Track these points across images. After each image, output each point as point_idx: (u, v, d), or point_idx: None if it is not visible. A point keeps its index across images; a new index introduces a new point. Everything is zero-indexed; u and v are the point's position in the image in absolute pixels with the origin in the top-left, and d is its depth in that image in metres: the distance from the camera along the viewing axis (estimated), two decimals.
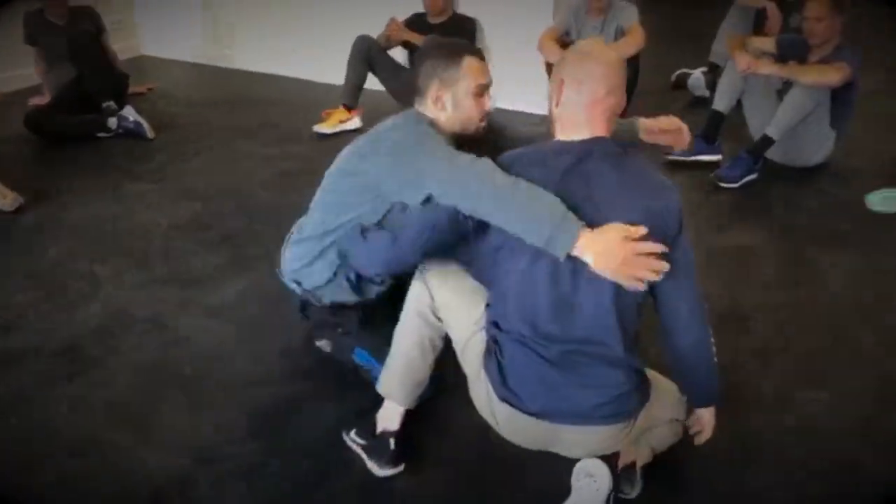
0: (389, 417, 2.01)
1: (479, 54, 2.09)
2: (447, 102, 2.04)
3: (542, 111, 4.55)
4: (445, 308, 1.91)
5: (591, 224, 1.59)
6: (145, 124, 4.21)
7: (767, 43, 3.85)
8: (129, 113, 4.23)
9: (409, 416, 2.04)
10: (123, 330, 2.58)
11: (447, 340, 1.97)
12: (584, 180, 1.64)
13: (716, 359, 1.81)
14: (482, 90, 2.05)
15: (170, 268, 2.96)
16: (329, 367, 2.36)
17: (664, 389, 1.91)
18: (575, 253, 1.59)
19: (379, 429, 2.01)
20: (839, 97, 3.53)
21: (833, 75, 3.42)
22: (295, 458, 2.05)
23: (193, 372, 2.38)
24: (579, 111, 1.67)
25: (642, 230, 1.57)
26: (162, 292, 2.79)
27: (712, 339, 1.79)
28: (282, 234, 2.38)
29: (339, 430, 2.08)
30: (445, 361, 2.00)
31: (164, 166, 3.90)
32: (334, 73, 4.43)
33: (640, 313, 1.75)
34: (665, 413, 1.91)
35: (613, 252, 1.56)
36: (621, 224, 1.58)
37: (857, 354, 2.49)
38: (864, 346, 2.53)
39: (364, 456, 2.01)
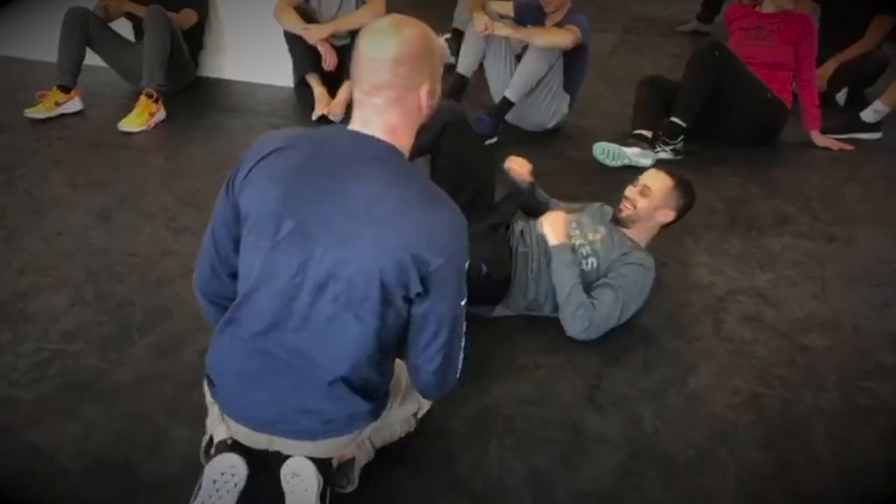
0: None
1: None
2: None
3: (286, 83, 4.39)
4: None
5: None
6: None
7: (506, 7, 3.89)
8: None
9: None
10: None
11: None
12: None
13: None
14: None
15: None
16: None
17: (407, 386, 1.82)
18: None
19: None
20: (571, 61, 3.66)
21: (565, 37, 3.53)
22: None
23: None
24: None
25: None
26: None
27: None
28: None
29: None
30: None
31: None
32: (49, 48, 3.93)
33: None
34: (403, 413, 1.85)
35: None
36: None
37: None
38: None
39: None
